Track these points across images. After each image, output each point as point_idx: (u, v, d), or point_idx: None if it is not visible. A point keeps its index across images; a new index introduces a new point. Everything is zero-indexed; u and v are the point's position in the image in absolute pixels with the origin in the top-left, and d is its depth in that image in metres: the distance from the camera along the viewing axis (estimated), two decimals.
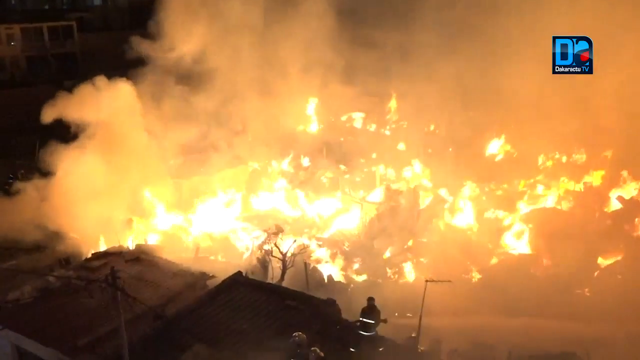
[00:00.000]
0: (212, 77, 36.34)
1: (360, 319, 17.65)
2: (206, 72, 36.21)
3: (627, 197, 33.76)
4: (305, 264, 30.97)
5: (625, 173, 34.04)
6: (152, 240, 32.46)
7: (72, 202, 28.81)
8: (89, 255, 27.66)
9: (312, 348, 16.36)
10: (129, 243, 31.22)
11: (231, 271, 24.03)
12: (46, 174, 30.72)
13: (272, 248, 30.46)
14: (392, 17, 42.18)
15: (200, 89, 36.19)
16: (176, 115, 34.87)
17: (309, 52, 40.45)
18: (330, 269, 32.56)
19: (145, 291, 21.93)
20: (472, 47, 37.52)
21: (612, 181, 34.61)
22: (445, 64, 37.49)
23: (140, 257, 26.09)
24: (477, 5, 37.43)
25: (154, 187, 34.59)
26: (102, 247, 29.61)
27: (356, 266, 32.87)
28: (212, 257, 31.53)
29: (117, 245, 29.23)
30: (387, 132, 44.93)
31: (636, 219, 32.50)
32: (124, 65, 33.87)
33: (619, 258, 30.89)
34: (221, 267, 26.91)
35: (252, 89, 38.72)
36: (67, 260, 27.41)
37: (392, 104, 45.95)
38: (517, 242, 33.73)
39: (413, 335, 19.39)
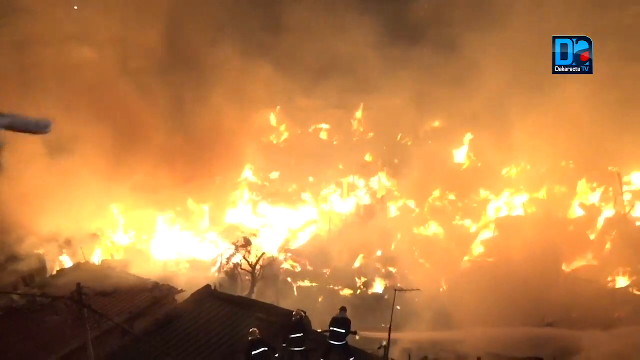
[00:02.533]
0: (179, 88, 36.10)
1: (331, 328, 17.61)
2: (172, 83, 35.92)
3: (588, 204, 34.58)
4: (275, 276, 30.89)
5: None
6: (118, 255, 32.02)
7: (35, 217, 28.24)
8: (54, 272, 27.12)
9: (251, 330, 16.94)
10: (95, 259, 30.76)
11: (200, 285, 23.82)
12: None
13: (240, 261, 30.31)
14: (355, 30, 42.52)
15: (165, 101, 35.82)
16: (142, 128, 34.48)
17: (275, 64, 40.61)
18: (300, 280, 32.53)
19: (112, 307, 21.60)
20: (436, 59, 38.14)
21: (573, 189, 35.42)
22: (410, 76, 38.03)
23: (107, 273, 25.64)
24: (442, 19, 38.11)
25: (120, 201, 34.10)
26: (68, 264, 29.08)
27: (325, 277, 32.90)
28: (180, 271, 31.21)
29: (82, 261, 28.76)
30: (353, 144, 45.18)
31: (597, 225, 33.35)
32: None
33: (582, 264, 31.50)
34: (190, 280, 26.66)
35: (220, 100, 38.57)
36: (32, 278, 26.79)
37: (358, 115, 46.25)
38: (484, 250, 34.15)
39: (384, 344, 19.40)
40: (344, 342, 17.48)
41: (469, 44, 37.20)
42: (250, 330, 17.01)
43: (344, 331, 17.36)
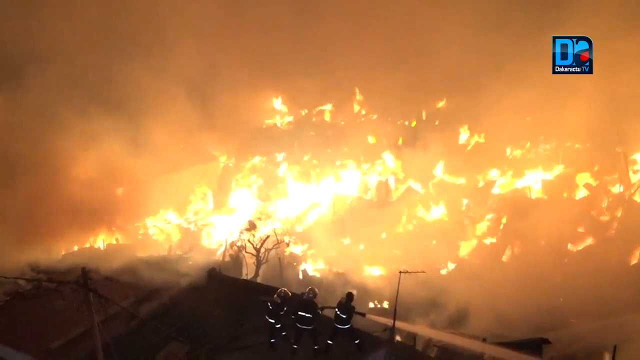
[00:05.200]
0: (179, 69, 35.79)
1: (337, 311, 17.76)
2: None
3: (593, 184, 34.44)
4: (280, 259, 30.92)
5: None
6: (123, 239, 32.11)
7: (43, 203, 28.22)
8: (60, 257, 27.19)
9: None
10: (100, 243, 30.86)
11: (205, 268, 23.92)
12: None
13: (245, 244, 30.35)
14: (354, 10, 42.10)
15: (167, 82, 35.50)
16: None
17: (275, 46, 40.38)
18: (304, 263, 32.59)
19: (118, 291, 21.64)
20: (438, 40, 37.86)
21: (579, 169, 35.31)
22: (413, 57, 37.80)
23: (112, 257, 25.69)
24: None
25: (125, 185, 34.07)
26: (73, 248, 29.18)
27: (330, 260, 32.93)
28: (185, 255, 31.27)
29: (87, 245, 28.86)
30: (356, 125, 44.95)
31: (602, 205, 33.25)
32: None
33: (587, 243, 31.44)
34: (195, 264, 26.73)
35: (220, 83, 38.37)
36: (37, 263, 26.83)
37: (359, 97, 45.96)
38: (488, 232, 34.11)
39: (389, 326, 19.48)
40: (348, 326, 17.62)
41: (471, 23, 36.94)
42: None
43: (345, 316, 17.53)
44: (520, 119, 37.00)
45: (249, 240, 30.40)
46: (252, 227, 31.33)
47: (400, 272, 18.85)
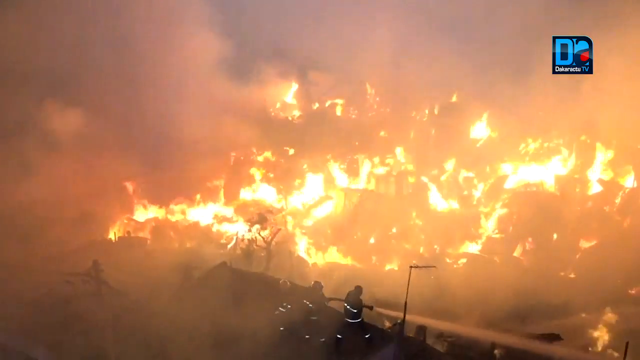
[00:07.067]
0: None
1: (345, 305, 17.74)
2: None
3: (606, 179, 34.22)
4: (289, 253, 30.95)
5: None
6: (135, 232, 32.25)
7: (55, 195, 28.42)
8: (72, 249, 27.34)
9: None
10: (112, 235, 31.03)
11: (216, 261, 23.97)
12: None
13: (255, 237, 30.38)
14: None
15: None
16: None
17: (286, 38, 40.37)
18: (314, 256, 32.61)
19: (130, 283, 21.78)
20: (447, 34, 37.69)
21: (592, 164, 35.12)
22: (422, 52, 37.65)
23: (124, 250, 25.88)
24: None
25: (136, 179, 34.20)
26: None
27: (340, 253, 32.94)
28: (197, 248, 31.39)
29: (100, 237, 29.02)
30: (368, 119, 44.77)
31: (616, 201, 33.03)
32: None
33: (600, 239, 31.26)
34: (206, 257, 26.82)
35: (231, 76, 38.32)
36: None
37: (369, 90, 45.78)
38: (500, 226, 33.98)
39: (398, 321, 19.44)
40: (358, 320, 17.60)
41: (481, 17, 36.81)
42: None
43: (355, 310, 17.50)
44: (533, 114, 36.79)
45: (259, 234, 30.42)
46: (262, 220, 31.33)
47: (411, 266, 18.84)
